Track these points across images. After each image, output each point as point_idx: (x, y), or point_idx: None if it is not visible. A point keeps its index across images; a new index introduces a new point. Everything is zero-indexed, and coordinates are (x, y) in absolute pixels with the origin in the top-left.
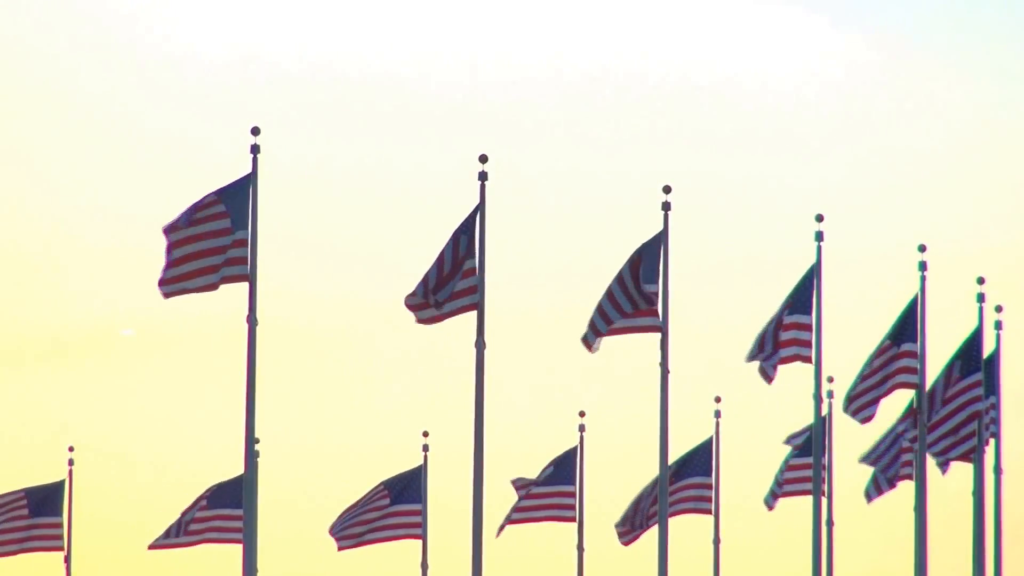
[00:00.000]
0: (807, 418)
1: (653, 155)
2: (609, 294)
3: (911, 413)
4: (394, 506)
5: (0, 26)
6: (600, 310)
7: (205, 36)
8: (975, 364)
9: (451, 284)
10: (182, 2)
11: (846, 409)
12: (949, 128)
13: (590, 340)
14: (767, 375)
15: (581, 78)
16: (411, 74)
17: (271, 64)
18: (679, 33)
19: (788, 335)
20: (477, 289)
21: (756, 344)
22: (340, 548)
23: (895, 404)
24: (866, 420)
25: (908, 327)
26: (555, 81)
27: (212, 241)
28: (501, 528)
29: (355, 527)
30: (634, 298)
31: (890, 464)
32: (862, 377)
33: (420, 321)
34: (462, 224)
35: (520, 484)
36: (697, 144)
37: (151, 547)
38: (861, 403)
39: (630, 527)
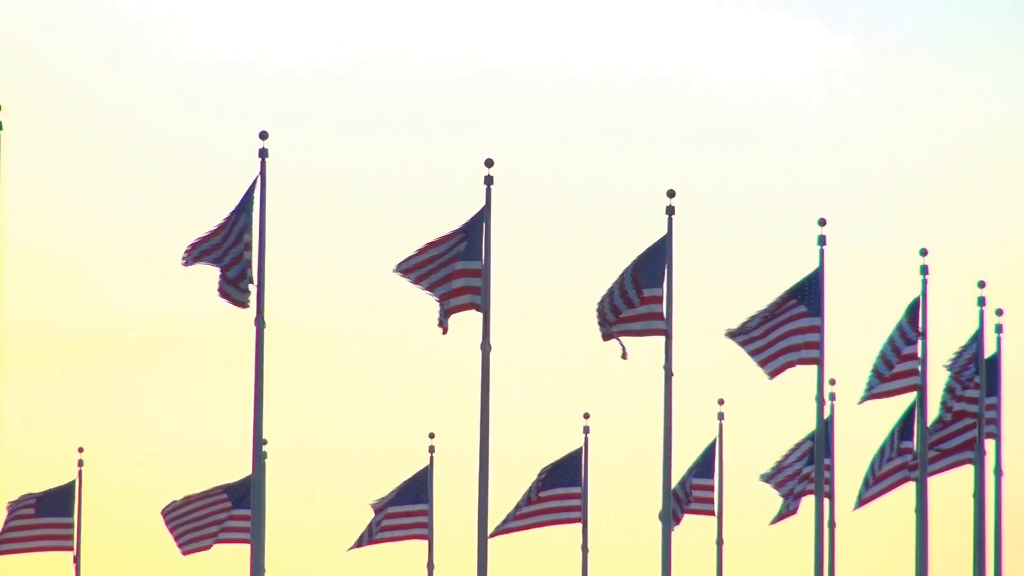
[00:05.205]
0: (810, 420)
1: (657, 159)
2: (609, 295)
3: (905, 422)
4: (401, 506)
5: (12, 32)
6: (601, 311)
7: (214, 41)
8: (975, 366)
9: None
10: (191, 8)
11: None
12: (950, 132)
13: (602, 334)
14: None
15: (586, 83)
16: (418, 78)
17: (279, 69)
18: (683, 38)
19: (802, 338)
20: (479, 290)
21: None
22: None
23: (893, 411)
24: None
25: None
26: (560, 86)
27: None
28: (501, 532)
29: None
30: (631, 301)
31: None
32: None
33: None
34: (462, 226)
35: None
36: (701, 148)
37: (185, 552)
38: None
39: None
